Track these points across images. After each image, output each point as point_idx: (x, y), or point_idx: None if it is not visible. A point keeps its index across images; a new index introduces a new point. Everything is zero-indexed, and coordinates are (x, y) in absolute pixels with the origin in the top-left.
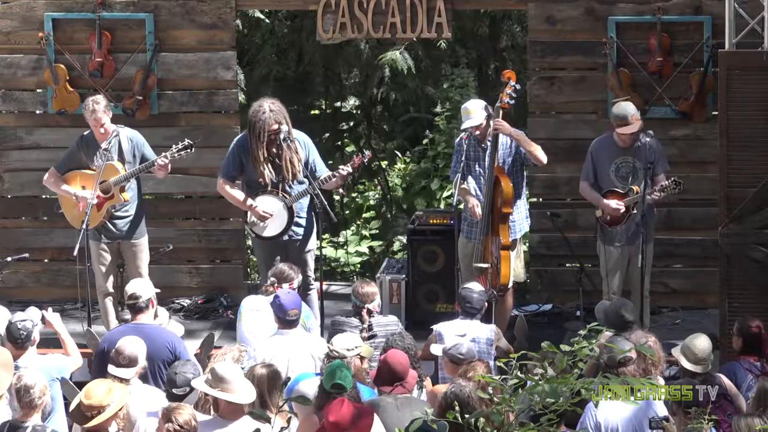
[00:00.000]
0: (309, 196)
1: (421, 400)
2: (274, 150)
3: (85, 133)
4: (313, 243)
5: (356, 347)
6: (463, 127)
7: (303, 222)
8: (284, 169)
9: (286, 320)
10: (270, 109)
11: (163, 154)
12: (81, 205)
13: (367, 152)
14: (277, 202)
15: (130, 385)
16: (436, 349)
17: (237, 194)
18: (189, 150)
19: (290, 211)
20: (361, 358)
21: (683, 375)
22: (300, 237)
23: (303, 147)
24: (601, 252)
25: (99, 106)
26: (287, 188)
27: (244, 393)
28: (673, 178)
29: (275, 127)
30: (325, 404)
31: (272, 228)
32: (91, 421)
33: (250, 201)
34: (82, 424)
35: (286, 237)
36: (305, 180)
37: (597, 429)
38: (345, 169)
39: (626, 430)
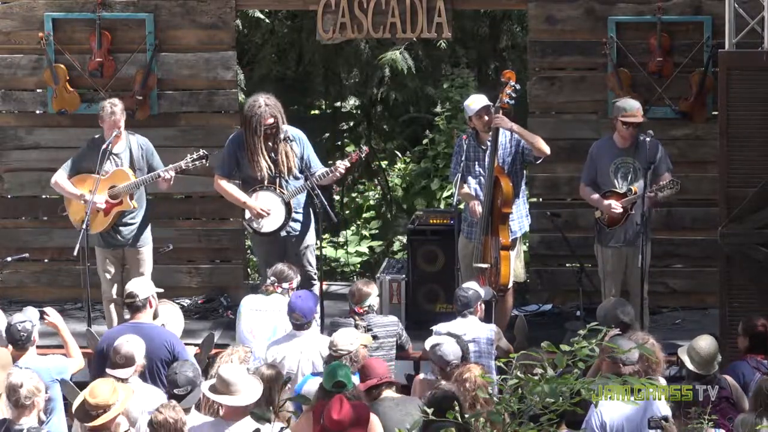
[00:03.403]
0: (306, 191)
1: (420, 400)
2: (270, 144)
3: (96, 136)
4: (311, 238)
5: (356, 339)
6: (474, 112)
7: (300, 218)
8: (280, 164)
9: (293, 322)
10: (265, 103)
11: (172, 165)
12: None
13: (365, 147)
14: (275, 198)
15: (129, 384)
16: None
17: (234, 191)
18: (204, 161)
19: (288, 206)
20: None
21: (688, 376)
22: (298, 233)
23: (298, 143)
24: (599, 253)
25: (117, 108)
26: (284, 183)
27: (247, 394)
28: (669, 177)
29: (270, 120)
30: (323, 402)
31: (270, 223)
32: (95, 420)
33: (246, 199)
34: (85, 422)
35: (284, 233)
36: (301, 176)
37: (602, 428)
38: (343, 165)
39: (629, 430)
